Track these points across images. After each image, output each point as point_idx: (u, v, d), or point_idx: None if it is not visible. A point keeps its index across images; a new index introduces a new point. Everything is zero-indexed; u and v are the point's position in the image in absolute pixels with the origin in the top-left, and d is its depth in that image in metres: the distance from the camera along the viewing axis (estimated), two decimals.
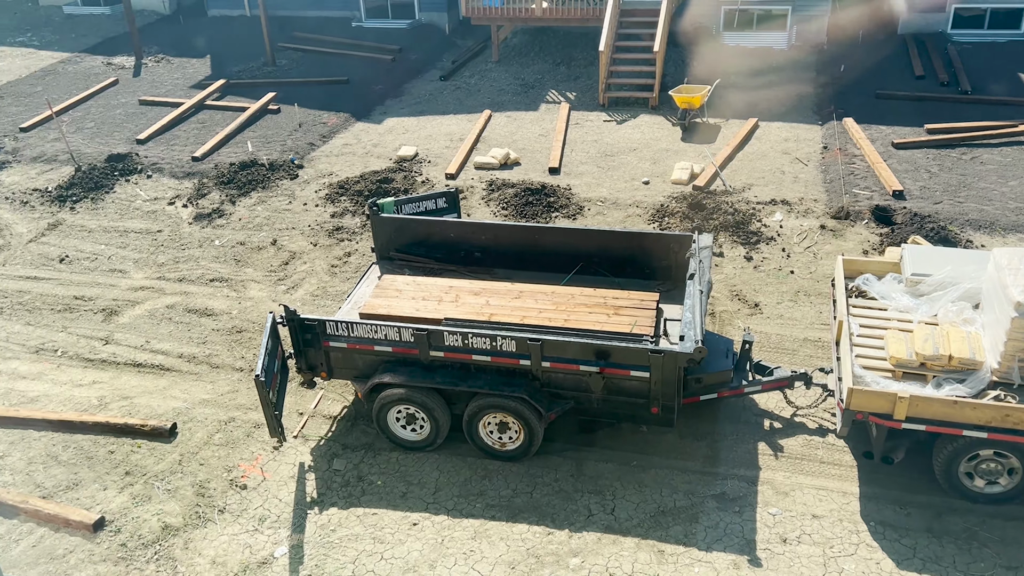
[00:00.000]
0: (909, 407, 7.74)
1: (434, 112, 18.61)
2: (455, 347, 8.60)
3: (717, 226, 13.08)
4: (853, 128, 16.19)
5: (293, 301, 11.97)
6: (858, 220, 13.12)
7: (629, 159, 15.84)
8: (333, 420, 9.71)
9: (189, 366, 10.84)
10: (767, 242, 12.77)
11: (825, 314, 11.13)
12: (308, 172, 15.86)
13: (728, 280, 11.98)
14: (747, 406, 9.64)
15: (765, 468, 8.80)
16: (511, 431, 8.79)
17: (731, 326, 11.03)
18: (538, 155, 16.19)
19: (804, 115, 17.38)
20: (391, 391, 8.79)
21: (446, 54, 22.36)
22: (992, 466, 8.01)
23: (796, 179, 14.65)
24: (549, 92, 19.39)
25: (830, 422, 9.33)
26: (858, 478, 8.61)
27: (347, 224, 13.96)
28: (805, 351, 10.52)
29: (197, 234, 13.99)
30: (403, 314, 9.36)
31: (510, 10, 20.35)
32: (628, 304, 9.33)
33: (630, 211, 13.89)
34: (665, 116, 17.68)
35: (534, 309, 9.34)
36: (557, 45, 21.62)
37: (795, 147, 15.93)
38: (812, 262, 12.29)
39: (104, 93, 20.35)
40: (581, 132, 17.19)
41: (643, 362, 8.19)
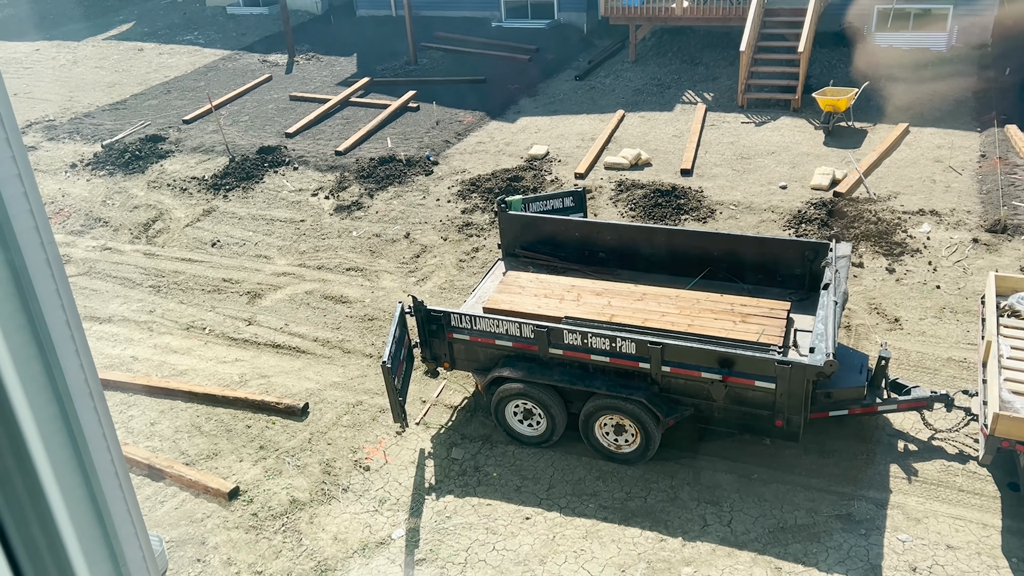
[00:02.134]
0: None
1: (567, 112, 18.67)
2: (574, 346, 8.62)
3: (858, 235, 12.47)
4: (1016, 136, 15.01)
5: (422, 293, 12.35)
6: (1016, 235, 12.18)
7: (766, 162, 15.34)
8: (454, 410, 9.95)
9: (323, 350, 11.39)
10: (912, 254, 12.06)
11: (972, 333, 10.40)
12: (442, 168, 16.29)
13: (867, 292, 11.40)
14: (880, 425, 9.16)
15: (896, 492, 8.33)
16: (627, 434, 8.73)
17: (867, 341, 10.49)
18: (670, 156, 15.95)
19: (961, 121, 16.27)
20: (510, 385, 8.92)
21: (583, 54, 22.37)
22: None
23: (948, 189, 13.74)
24: (685, 92, 19.05)
25: (972, 448, 8.72)
26: (1001, 510, 8.01)
27: (476, 220, 14.25)
28: (948, 371, 9.88)
29: (337, 225, 14.66)
30: (525, 310, 9.48)
31: (649, 9, 20.12)
32: (756, 312, 9.06)
33: (764, 216, 13.46)
34: (807, 119, 17.00)
35: (656, 312, 9.23)
36: (696, 45, 21.21)
37: (949, 155, 14.94)
38: (961, 277, 11.51)
39: (259, 89, 21.64)
40: (717, 134, 16.80)
41: (769, 373, 7.93)
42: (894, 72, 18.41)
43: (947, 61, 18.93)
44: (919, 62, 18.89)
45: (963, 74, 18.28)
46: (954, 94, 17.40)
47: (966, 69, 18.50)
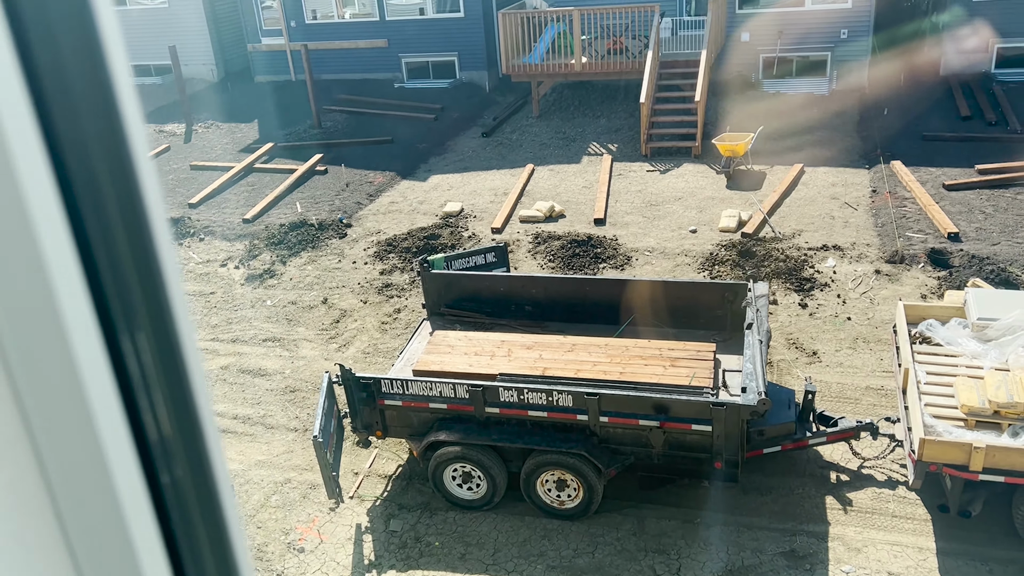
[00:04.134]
0: (986, 457, 7.43)
1: (478, 168, 18.83)
2: (511, 403, 8.51)
3: (769, 273, 12.91)
4: (902, 171, 15.98)
5: (345, 359, 12.02)
6: (914, 264, 12.86)
7: (675, 208, 15.80)
8: (389, 480, 9.63)
9: (244, 427, 10.89)
10: (821, 288, 12.55)
11: (886, 361, 10.83)
12: (356, 231, 16.08)
13: (784, 328, 11.76)
14: (812, 458, 9.35)
15: (835, 523, 8.48)
16: (570, 488, 8.62)
17: (790, 375, 10.78)
18: (583, 207, 16.24)
19: (850, 159, 17.23)
20: (447, 449, 8.71)
21: (487, 111, 22.72)
22: None
23: (847, 224, 14.44)
24: (591, 144, 19.53)
25: (900, 473, 9.00)
26: (934, 532, 8.25)
27: (396, 281, 14.06)
28: (868, 400, 10.23)
29: (249, 295, 14.20)
30: (457, 370, 9.33)
31: (550, 66, 20.66)
32: (684, 355, 9.18)
33: (679, 260, 13.79)
34: (709, 164, 17.66)
35: (588, 362, 9.24)
36: (597, 98, 21.85)
37: (843, 192, 15.75)
38: (869, 308, 12.03)
39: (157, 160, 20.99)
40: (625, 183, 17.23)
41: (705, 415, 8.01)
42: (784, 116, 19.40)
43: (830, 104, 20.10)
44: (805, 106, 19.98)
45: (847, 116, 19.43)
46: (841, 135, 18.44)
47: (849, 111, 19.68)
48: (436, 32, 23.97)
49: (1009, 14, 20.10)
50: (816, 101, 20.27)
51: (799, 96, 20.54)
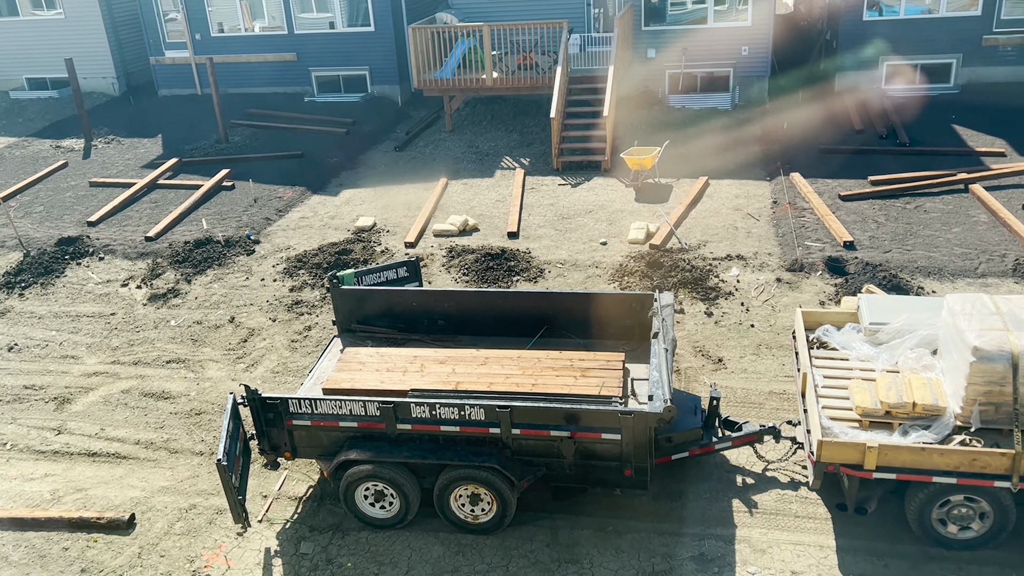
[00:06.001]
0: (879, 456, 7.77)
1: (390, 182, 18.71)
2: (423, 419, 8.45)
3: (676, 283, 13.23)
4: (800, 183, 16.66)
5: (253, 379, 11.72)
6: (812, 272, 13.39)
7: (586, 221, 16.04)
8: (299, 501, 9.41)
9: (147, 452, 10.48)
10: (726, 297, 12.93)
11: (788, 366, 11.23)
12: (265, 247, 15.74)
13: (690, 336, 12.06)
14: (719, 463, 9.60)
15: (741, 526, 8.71)
16: (483, 503, 8.60)
17: (697, 382, 11.05)
18: (496, 220, 16.32)
19: (752, 172, 17.85)
20: (358, 468, 8.57)
21: (400, 125, 22.63)
22: (964, 511, 8.03)
23: (749, 234, 14.94)
24: (503, 159, 19.67)
25: (802, 475, 9.32)
26: (834, 531, 8.56)
27: (306, 298, 13.81)
28: (771, 404, 10.57)
29: (152, 315, 13.70)
30: (368, 387, 9.21)
31: (461, 81, 20.73)
32: (594, 366, 9.31)
33: (590, 272, 14.00)
34: (618, 178, 18.02)
35: (501, 375, 9.26)
36: (509, 113, 22.03)
37: (746, 203, 16.30)
38: (771, 315, 12.45)
39: (53, 176, 20.10)
40: (537, 196, 17.41)
41: (614, 424, 8.13)
42: (689, 130, 19.99)
43: (733, 118, 20.82)
44: (710, 120, 20.64)
45: (748, 130, 20.15)
46: (743, 148, 19.10)
47: (750, 125, 20.41)
48: (347, 46, 23.77)
49: (898, 32, 21.27)
50: (720, 116, 20.95)
51: (704, 111, 21.20)
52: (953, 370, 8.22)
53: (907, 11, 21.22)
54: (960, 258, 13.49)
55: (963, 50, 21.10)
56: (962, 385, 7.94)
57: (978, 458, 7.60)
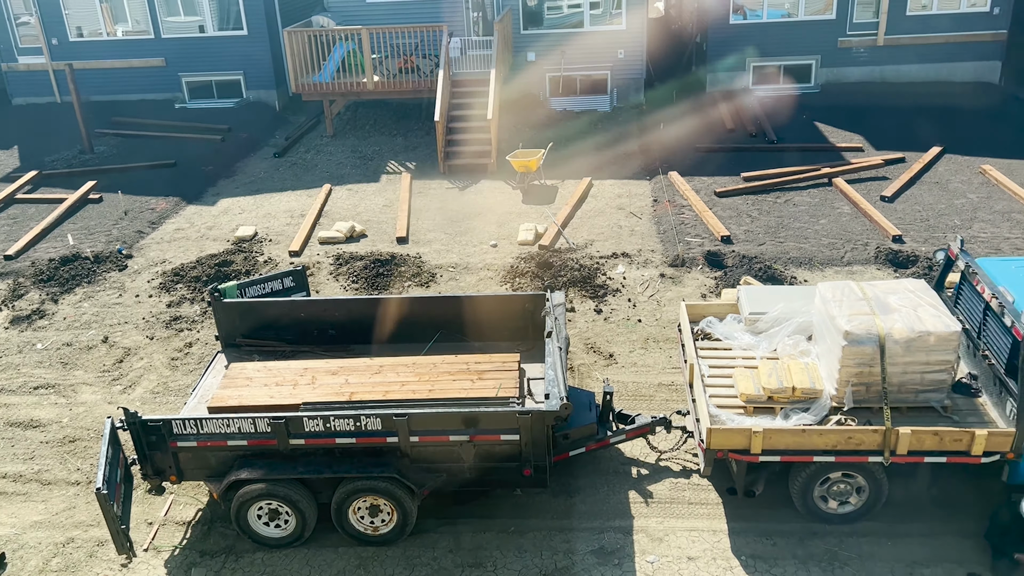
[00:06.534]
0: (764, 440, 8.13)
1: (271, 190, 18.17)
2: (316, 432, 8.23)
3: (566, 282, 13.44)
4: (678, 181, 17.25)
5: (132, 402, 11.12)
6: (693, 266, 13.88)
7: (475, 224, 16.07)
8: (187, 526, 8.98)
9: (15, 486, 9.74)
10: (613, 294, 13.23)
11: (675, 358, 11.59)
12: (138, 261, 14.96)
13: (582, 334, 12.27)
14: (614, 456, 9.80)
15: (638, 516, 8.93)
16: (383, 513, 8.46)
17: (590, 378, 11.25)
18: (384, 226, 16.11)
19: (633, 172, 18.34)
20: (250, 487, 8.26)
21: (279, 131, 22.01)
22: (842, 487, 8.51)
23: (633, 232, 15.35)
24: (388, 163, 19.45)
25: (693, 463, 9.64)
26: (725, 514, 8.90)
27: (186, 313, 13.21)
28: (661, 396, 10.88)
29: (16, 339, 12.77)
30: (257, 403, 8.90)
31: (341, 84, 20.37)
32: (491, 368, 9.32)
33: (482, 275, 14.03)
34: (505, 180, 18.14)
35: (396, 383, 9.14)
36: (392, 117, 21.80)
37: (628, 202, 16.74)
38: (657, 309, 12.83)
39: None
40: (425, 200, 17.30)
41: (512, 425, 8.16)
42: (572, 132, 20.36)
43: (613, 120, 21.35)
44: (590, 122, 21.09)
45: (627, 130, 20.71)
46: (623, 148, 19.62)
47: (629, 126, 20.99)
48: (219, 50, 22.92)
49: (762, 35, 22.35)
50: (600, 118, 21.44)
51: (584, 113, 21.64)
52: (827, 354, 8.70)
53: (769, 15, 22.34)
54: (828, 248, 14.31)
55: (821, 52, 22.41)
56: (836, 368, 8.41)
57: (853, 436, 8.06)
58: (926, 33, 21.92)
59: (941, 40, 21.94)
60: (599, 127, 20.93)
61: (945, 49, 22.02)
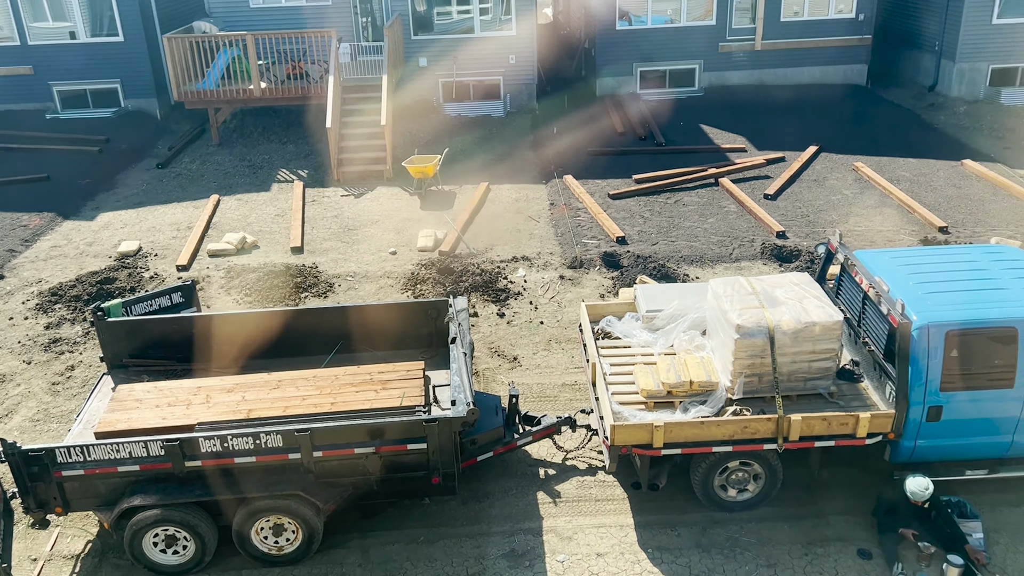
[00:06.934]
0: (665, 434, 8.35)
1: (155, 202, 17.40)
2: (214, 452, 7.91)
3: (468, 287, 13.43)
4: (573, 184, 17.53)
5: (9, 431, 10.40)
6: (591, 267, 14.13)
7: (373, 231, 15.85)
8: (76, 560, 8.47)
9: None
10: (515, 297, 13.31)
11: (577, 358, 11.76)
12: (11, 282, 14.03)
13: (486, 338, 12.29)
14: (521, 458, 9.85)
15: (547, 516, 9.00)
16: (288, 532, 8.22)
17: (495, 382, 11.28)
18: (277, 236, 15.69)
19: (529, 176, 18.53)
20: (144, 514, 7.87)
21: (161, 141, 21.11)
22: (740, 475, 8.83)
23: (531, 235, 15.50)
24: (279, 171, 18.96)
25: (598, 460, 9.79)
26: (631, 509, 9.08)
27: (66, 335, 12.48)
28: (565, 396, 11.01)
29: None
30: (148, 426, 8.48)
31: (227, 92, 19.73)
32: (395, 377, 9.20)
33: (382, 283, 13.85)
34: (402, 187, 17.99)
35: (297, 397, 8.90)
36: (281, 124, 21.26)
37: (526, 206, 16.89)
38: (558, 311, 12.99)
39: None
40: (320, 209, 16.95)
41: (419, 434, 8.09)
42: (467, 137, 20.40)
43: (507, 124, 21.51)
44: (485, 127, 21.18)
45: (522, 135, 20.91)
46: (519, 153, 19.80)
47: (523, 131, 21.20)
48: (93, 57, 21.80)
49: (647, 41, 23.01)
50: (494, 123, 21.56)
51: (479, 118, 21.71)
52: (721, 347, 9.01)
53: (654, 21, 23.04)
54: (717, 245, 14.84)
55: (704, 56, 23.27)
56: (729, 360, 8.72)
57: (749, 425, 8.38)
58: (799, 38, 23.10)
59: (812, 45, 23.17)
60: (494, 132, 21.05)
61: (817, 53, 23.26)
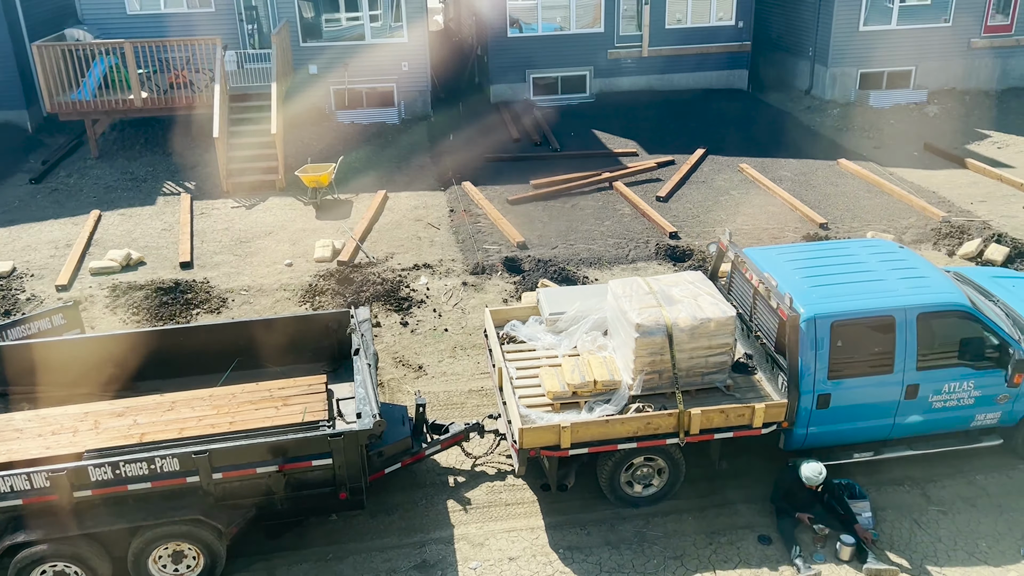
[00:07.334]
0: (572, 434, 8.46)
1: (29, 219, 16.40)
2: (105, 481, 7.51)
3: (369, 297, 13.24)
4: (472, 191, 17.57)
5: None
6: (493, 273, 14.18)
7: (267, 243, 15.42)
8: None
9: None
10: (418, 305, 13.22)
11: (483, 364, 11.77)
12: None
13: (389, 348, 12.14)
14: (431, 468, 9.78)
15: (458, 524, 8.96)
16: (188, 559, 7.89)
17: (401, 392, 11.16)
18: (165, 251, 15.05)
19: (427, 183, 18.44)
20: (29, 551, 7.39)
21: (33, 154, 19.90)
22: (645, 471, 9.04)
23: (432, 243, 15.43)
24: (165, 184, 18.20)
25: (507, 464, 9.82)
26: (541, 511, 9.15)
27: None
28: (473, 402, 11.00)
29: None
30: (30, 457, 7.97)
31: (105, 102, 18.80)
32: (296, 392, 8.98)
33: (278, 296, 13.48)
34: (295, 197, 17.58)
35: (193, 418, 8.55)
36: (165, 135, 20.39)
37: (425, 213, 16.80)
38: (462, 317, 12.97)
39: None
40: (209, 222, 16.36)
41: (324, 449, 7.91)
42: (362, 145, 20.14)
43: (402, 132, 21.35)
44: (380, 134, 20.96)
45: (418, 142, 20.81)
46: (416, 160, 19.69)
47: (419, 137, 21.10)
48: None
49: (538, 48, 23.32)
50: (389, 130, 21.37)
51: (373, 126, 21.46)
52: (622, 347, 9.20)
53: (544, 28, 23.37)
54: (614, 247, 15.16)
55: (593, 63, 23.77)
56: (631, 359, 8.92)
57: (652, 421, 8.59)
58: (683, 45, 23.92)
59: (696, 51, 24.03)
60: (389, 140, 20.86)
61: (701, 59, 24.14)
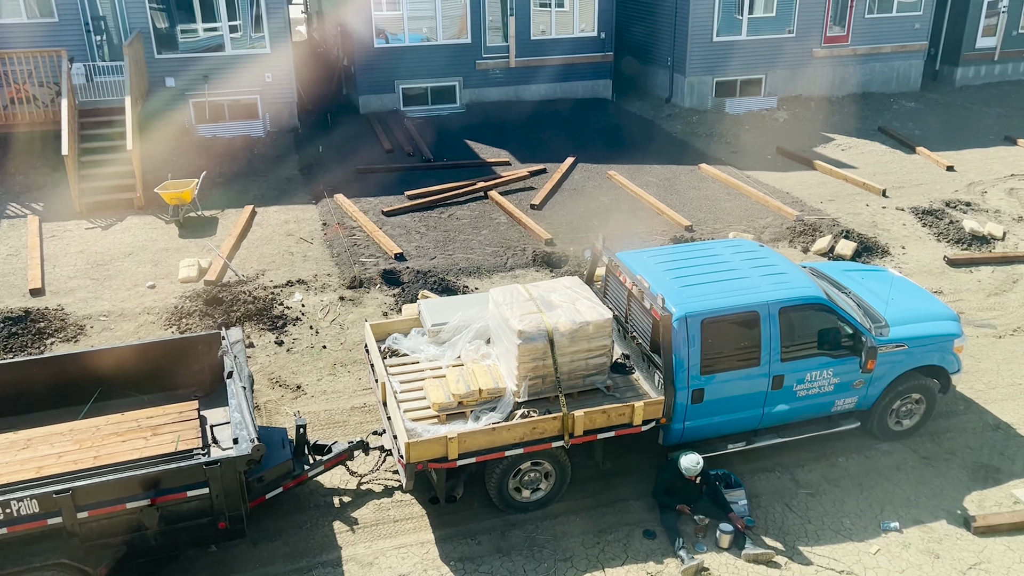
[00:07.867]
0: (459, 444, 8.44)
1: None
2: None
3: (241, 317, 12.74)
4: (345, 203, 17.26)
5: None
6: (371, 286, 13.97)
7: (127, 265, 14.58)
8: None
9: None
10: (294, 323, 12.84)
11: (365, 380, 11.56)
12: None
13: (265, 368, 11.73)
14: (315, 489, 9.51)
15: (346, 545, 8.75)
16: None
17: (279, 414, 10.80)
18: (12, 278, 13.96)
19: (297, 196, 17.98)
20: None
21: None
22: (532, 476, 9.13)
23: (306, 258, 15.04)
24: (8, 206, 16.90)
25: (394, 480, 9.68)
26: (431, 524, 9.07)
27: None
28: (356, 419, 10.79)
29: None
30: None
31: None
32: (166, 420, 8.53)
33: (142, 320, 12.76)
34: (156, 215, 16.72)
35: (52, 456, 7.97)
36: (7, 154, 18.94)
37: (297, 228, 16.37)
38: (340, 333, 12.70)
39: None
40: (61, 244, 15.31)
41: (199, 478, 7.54)
42: (226, 160, 19.40)
43: (268, 145, 20.73)
44: (245, 148, 20.26)
45: (285, 155, 20.26)
46: (284, 173, 19.16)
47: (287, 150, 20.55)
48: None
49: (406, 58, 23.21)
50: (254, 143, 20.69)
51: (237, 139, 20.73)
52: (505, 354, 9.27)
53: (411, 39, 23.28)
54: (492, 256, 15.27)
55: (463, 74, 23.88)
56: (514, 365, 9.00)
57: (537, 426, 8.69)
58: (549, 55, 24.42)
59: (562, 62, 24.59)
60: (255, 153, 20.21)
61: (567, 69, 24.71)
